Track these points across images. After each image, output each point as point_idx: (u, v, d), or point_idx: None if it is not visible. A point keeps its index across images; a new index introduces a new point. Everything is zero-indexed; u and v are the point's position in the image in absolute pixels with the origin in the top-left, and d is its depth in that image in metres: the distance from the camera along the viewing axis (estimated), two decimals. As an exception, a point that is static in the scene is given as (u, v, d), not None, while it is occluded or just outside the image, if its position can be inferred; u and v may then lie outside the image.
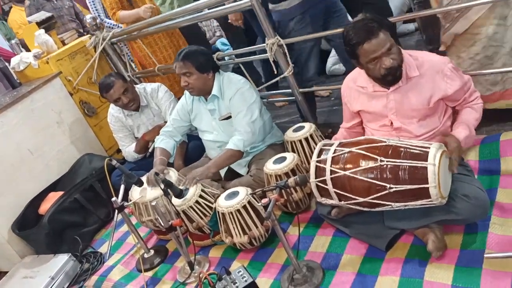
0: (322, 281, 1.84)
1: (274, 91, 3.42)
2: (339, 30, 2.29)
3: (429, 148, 1.61)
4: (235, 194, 2.12)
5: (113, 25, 3.48)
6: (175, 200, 2.19)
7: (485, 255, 1.23)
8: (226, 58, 3.00)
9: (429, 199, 1.60)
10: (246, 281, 1.86)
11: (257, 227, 2.09)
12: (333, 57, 3.82)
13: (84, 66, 3.47)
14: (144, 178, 2.40)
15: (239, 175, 2.60)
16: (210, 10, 2.85)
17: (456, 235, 1.78)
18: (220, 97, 2.50)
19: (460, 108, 1.88)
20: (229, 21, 3.25)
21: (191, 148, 2.94)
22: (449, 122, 1.89)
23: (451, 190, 1.69)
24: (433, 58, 1.82)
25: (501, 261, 1.58)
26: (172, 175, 2.44)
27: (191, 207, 2.17)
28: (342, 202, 1.80)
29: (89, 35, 3.61)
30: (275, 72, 2.74)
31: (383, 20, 1.74)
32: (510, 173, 1.97)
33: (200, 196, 2.20)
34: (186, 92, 2.66)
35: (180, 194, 2.17)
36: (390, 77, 1.78)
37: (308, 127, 2.50)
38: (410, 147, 1.66)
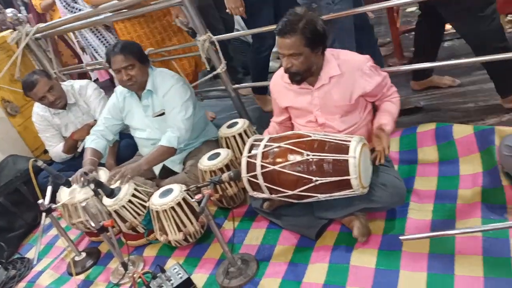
0: (257, 273, 1.89)
1: (216, 87, 3.35)
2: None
3: (350, 141, 1.71)
4: (169, 191, 2.11)
5: (79, 10, 3.22)
6: (106, 200, 2.14)
7: (400, 237, 1.33)
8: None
9: (352, 190, 1.70)
10: (181, 277, 1.86)
11: (192, 223, 2.10)
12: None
13: (5, 62, 3.26)
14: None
15: (174, 173, 2.58)
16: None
17: (379, 221, 1.90)
18: (154, 92, 2.47)
19: (380, 103, 2.00)
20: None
21: (123, 147, 2.87)
22: (369, 117, 2.01)
23: (371, 180, 1.80)
24: (353, 57, 1.93)
25: (418, 244, 1.72)
26: (103, 174, 2.38)
27: (123, 206, 2.14)
28: (273, 196, 1.86)
29: (10, 30, 3.40)
30: (208, 69, 2.75)
31: (310, 24, 1.75)
32: (425, 162, 2.14)
33: (133, 195, 2.17)
34: (117, 90, 2.60)
35: (111, 194, 2.12)
36: (288, 75, 1.88)
37: (242, 123, 2.54)
38: (334, 140, 1.75)
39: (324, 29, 1.80)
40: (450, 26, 2.61)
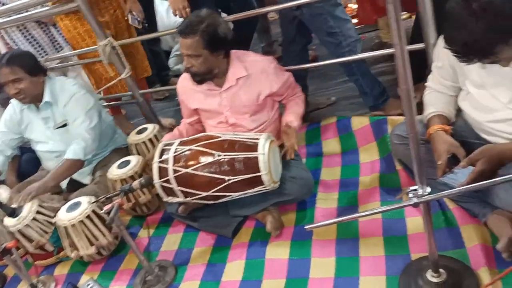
0: (175, 278, 1.88)
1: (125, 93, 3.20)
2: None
3: (258, 139, 1.77)
4: (77, 204, 2.02)
5: (2, 4, 2.81)
6: (8, 220, 2.00)
7: (305, 227, 1.41)
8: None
9: (263, 185, 1.77)
10: (96, 292, 1.80)
11: (104, 235, 2.03)
12: (174, 57, 3.85)
13: None
14: None
15: (83, 185, 2.47)
16: (35, 11, 2.63)
17: (291, 214, 1.99)
18: (54, 103, 2.34)
19: (286, 102, 2.09)
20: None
21: (25, 161, 2.68)
22: (277, 114, 2.10)
23: (282, 175, 1.88)
24: (258, 59, 2.00)
25: (327, 231, 1.83)
26: (3, 192, 2.22)
27: (28, 225, 2.00)
28: (188, 199, 1.87)
29: None
30: (112, 75, 2.67)
31: (210, 27, 1.79)
32: (329, 153, 2.28)
33: (38, 212, 2.04)
34: (13, 101, 2.42)
35: (13, 213, 1.98)
36: (190, 74, 1.93)
37: (152, 128, 2.51)
38: (243, 139, 1.80)
39: (226, 34, 1.84)
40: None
